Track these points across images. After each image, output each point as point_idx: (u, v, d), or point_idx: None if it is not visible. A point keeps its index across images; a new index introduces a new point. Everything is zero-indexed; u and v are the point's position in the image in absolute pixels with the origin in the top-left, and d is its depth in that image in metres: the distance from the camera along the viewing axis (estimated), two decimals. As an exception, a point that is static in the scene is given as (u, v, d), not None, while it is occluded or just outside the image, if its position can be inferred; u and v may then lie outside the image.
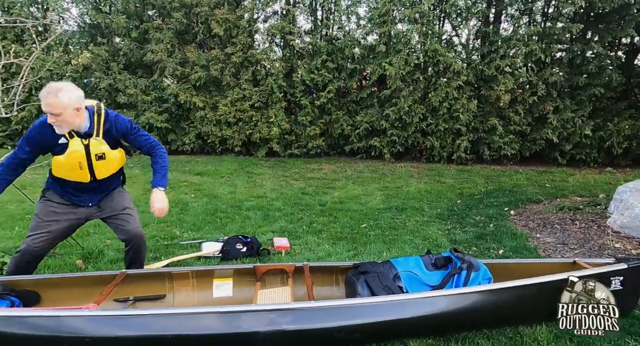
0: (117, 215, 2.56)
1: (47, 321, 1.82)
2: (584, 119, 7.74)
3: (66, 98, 2.17)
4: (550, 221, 4.48)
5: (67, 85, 2.22)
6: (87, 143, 2.32)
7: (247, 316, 1.96)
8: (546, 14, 7.95)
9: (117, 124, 2.42)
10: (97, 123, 2.35)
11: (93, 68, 7.73)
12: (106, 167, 2.44)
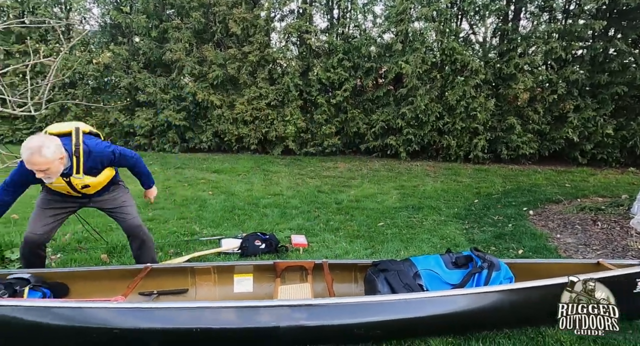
0: (116, 208, 2.70)
1: (78, 312, 1.89)
2: (605, 118, 7.57)
3: (50, 154, 2.15)
4: (571, 221, 4.41)
5: (45, 140, 2.17)
6: (68, 180, 2.37)
7: (270, 311, 2.00)
8: (567, 10, 7.80)
9: (100, 158, 2.42)
10: (77, 164, 2.33)
11: (113, 67, 7.89)
12: (94, 187, 2.52)
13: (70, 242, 3.44)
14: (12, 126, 8.16)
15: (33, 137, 2.19)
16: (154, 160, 7.66)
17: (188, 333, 1.97)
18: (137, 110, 8.10)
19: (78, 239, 3.52)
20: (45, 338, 1.92)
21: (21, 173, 2.31)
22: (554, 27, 7.43)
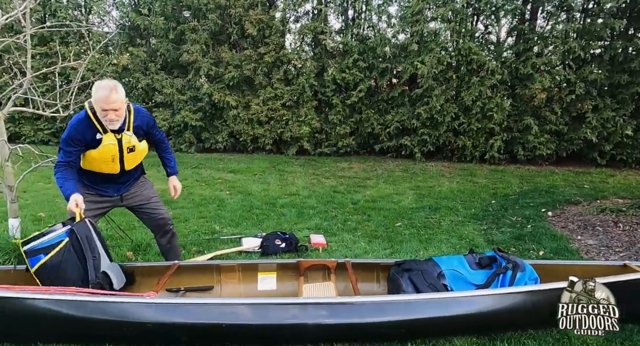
0: (145, 204, 2.71)
1: (113, 306, 1.95)
2: (625, 118, 7.46)
3: (123, 93, 2.31)
4: (591, 223, 4.36)
5: (115, 82, 2.33)
6: (119, 138, 2.42)
7: (299, 309, 2.03)
8: (586, 9, 7.70)
9: (146, 119, 2.56)
10: (128, 119, 2.44)
11: (132, 68, 8.02)
12: (135, 158, 2.56)
13: (96, 240, 3.52)
14: (34, 126, 8.35)
15: (103, 80, 2.32)
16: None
17: (217, 328, 2.02)
18: (154, 111, 8.22)
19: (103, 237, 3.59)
20: (81, 331, 1.98)
21: (77, 129, 2.33)
22: (572, 26, 7.35)
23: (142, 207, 2.72)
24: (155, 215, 2.73)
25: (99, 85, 2.28)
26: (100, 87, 2.27)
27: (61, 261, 2.18)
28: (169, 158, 2.85)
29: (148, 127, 2.58)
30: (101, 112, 2.29)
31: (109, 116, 2.29)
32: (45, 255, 2.16)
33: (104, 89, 2.25)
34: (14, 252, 2.81)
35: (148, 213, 2.73)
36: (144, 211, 2.73)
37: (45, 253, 2.16)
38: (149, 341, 2.03)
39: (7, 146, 2.76)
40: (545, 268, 2.54)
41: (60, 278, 2.14)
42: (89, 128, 2.34)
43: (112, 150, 2.42)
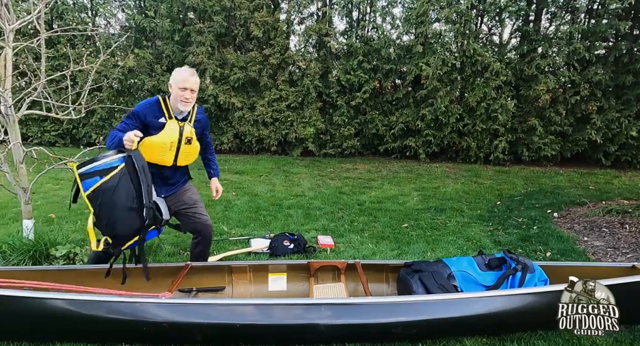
0: (189, 207, 2.73)
1: (130, 306, 1.99)
2: (630, 119, 7.46)
3: (198, 80, 2.55)
4: (598, 224, 4.38)
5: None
6: (182, 126, 2.53)
7: (312, 309, 2.06)
8: (590, 11, 7.71)
9: (205, 118, 2.76)
10: (192, 112, 2.63)
11: (137, 70, 8.07)
12: (188, 153, 2.62)
13: (106, 241, 3.56)
14: (41, 128, 8.41)
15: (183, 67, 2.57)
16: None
17: (231, 328, 2.05)
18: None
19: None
20: (98, 330, 2.02)
21: (145, 107, 2.47)
22: (577, 27, 7.36)
23: (187, 211, 2.73)
24: (199, 220, 2.73)
25: (180, 68, 2.54)
26: (181, 69, 2.52)
27: (116, 186, 2.16)
28: (212, 160, 3.02)
29: (204, 126, 2.76)
30: (179, 91, 2.45)
31: (185, 94, 2.45)
32: (102, 178, 2.14)
33: (185, 71, 2.50)
34: (29, 252, 2.85)
35: (191, 217, 2.73)
36: (188, 214, 2.73)
37: (101, 176, 2.15)
38: (165, 340, 2.06)
39: (21, 148, 2.80)
40: (554, 270, 2.57)
41: (112, 203, 2.15)
42: (157, 111, 2.49)
43: (173, 136, 2.49)
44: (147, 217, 2.22)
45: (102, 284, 2.46)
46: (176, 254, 3.41)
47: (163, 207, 2.49)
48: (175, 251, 3.46)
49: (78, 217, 4.29)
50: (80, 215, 4.38)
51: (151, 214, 2.22)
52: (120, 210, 2.16)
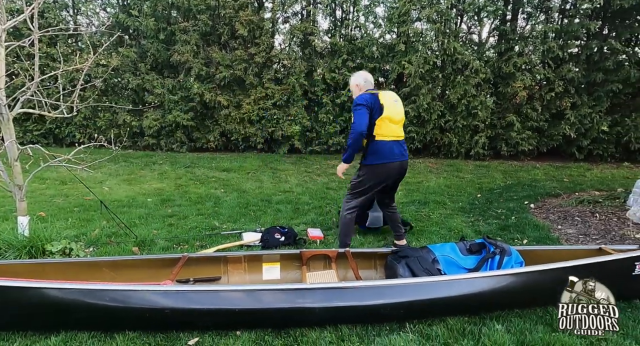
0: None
1: (133, 295, 2.08)
2: (601, 115, 7.83)
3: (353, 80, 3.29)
4: (571, 214, 4.64)
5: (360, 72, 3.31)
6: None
7: (306, 294, 2.20)
8: (563, 10, 8.05)
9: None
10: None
11: (122, 69, 8.04)
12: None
13: (100, 237, 3.62)
14: (23, 127, 8.30)
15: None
16: (164, 160, 7.83)
17: (230, 313, 2.17)
18: (145, 111, 8.26)
19: (107, 234, 3.70)
20: (103, 318, 2.11)
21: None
22: (551, 26, 7.68)
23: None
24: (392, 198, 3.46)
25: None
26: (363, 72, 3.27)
27: None
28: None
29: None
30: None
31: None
32: None
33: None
34: (25, 248, 2.90)
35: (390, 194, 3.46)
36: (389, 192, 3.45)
37: None
38: (167, 326, 2.17)
39: (16, 146, 2.85)
40: (529, 254, 2.77)
41: None
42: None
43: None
44: None
45: (102, 275, 2.56)
46: (170, 248, 3.49)
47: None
48: (169, 245, 3.54)
49: (68, 215, 4.33)
50: (70, 213, 4.42)
51: None
52: None
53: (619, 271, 2.51)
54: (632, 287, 2.58)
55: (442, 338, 2.20)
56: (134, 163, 7.51)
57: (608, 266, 2.47)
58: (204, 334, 2.20)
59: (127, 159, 7.77)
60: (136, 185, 6.00)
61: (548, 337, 2.18)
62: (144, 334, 2.17)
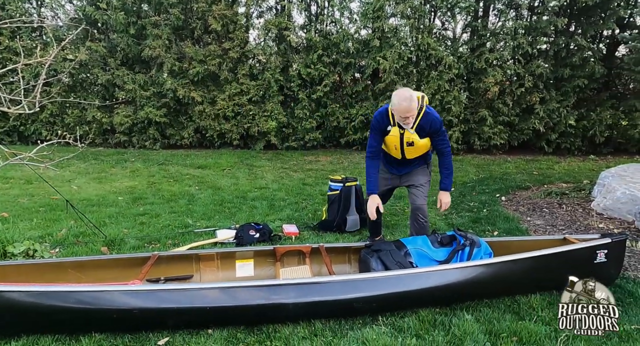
0: (411, 186, 3.16)
1: (99, 295, 2.02)
2: (568, 109, 8.10)
3: (416, 101, 2.74)
4: (539, 205, 4.79)
5: (412, 93, 2.74)
6: (402, 133, 2.90)
7: (278, 290, 2.18)
8: (532, 7, 8.25)
9: (432, 124, 2.87)
10: (414, 121, 2.84)
11: (90, 64, 7.78)
12: (414, 150, 3.00)
13: (67, 237, 3.50)
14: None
15: (402, 90, 2.74)
16: (136, 157, 7.64)
17: (201, 311, 2.14)
18: (116, 108, 8.03)
19: (75, 234, 3.58)
20: (68, 320, 2.04)
21: (377, 119, 2.95)
22: (521, 23, 7.87)
23: (410, 188, 3.17)
24: (412, 199, 3.14)
25: (400, 96, 2.70)
26: (400, 98, 2.70)
27: None
28: (443, 172, 3.10)
29: (431, 130, 2.89)
30: (399, 117, 2.77)
31: (405, 121, 2.78)
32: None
33: (404, 100, 2.69)
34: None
35: (410, 194, 3.17)
36: (410, 191, 3.18)
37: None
38: (137, 326, 2.12)
39: (-27, 144, 2.70)
40: (498, 245, 2.84)
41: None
42: (385, 120, 2.92)
43: (395, 141, 2.95)
44: None
45: (67, 277, 2.47)
46: (141, 247, 3.41)
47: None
48: (140, 244, 3.46)
49: (33, 215, 4.16)
50: (35, 213, 4.25)
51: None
52: None
53: (581, 260, 2.60)
54: (595, 274, 2.66)
55: (413, 329, 2.23)
56: (104, 161, 7.29)
57: (571, 255, 2.56)
58: (175, 333, 2.16)
59: (97, 157, 7.54)
60: (107, 183, 5.83)
61: (515, 325, 2.25)
62: (112, 336, 2.11)
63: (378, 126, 2.96)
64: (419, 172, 3.17)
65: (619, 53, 8.46)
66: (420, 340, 2.15)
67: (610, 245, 2.61)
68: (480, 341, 2.12)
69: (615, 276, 2.77)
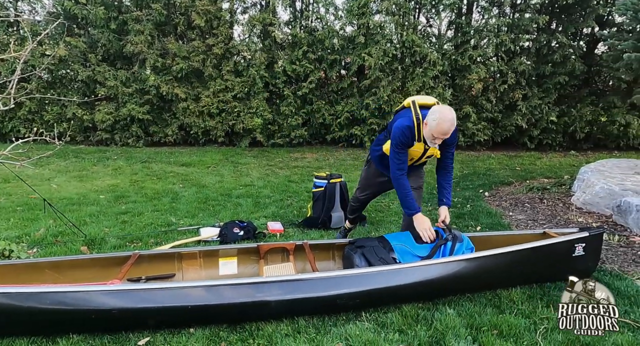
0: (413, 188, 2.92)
1: (77, 296, 1.98)
2: (550, 106, 8.24)
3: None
4: (521, 201, 4.86)
5: (452, 111, 2.56)
6: (427, 148, 2.74)
7: (260, 288, 2.17)
8: (515, 5, 8.35)
9: (452, 136, 2.67)
10: None
11: (70, 60, 7.60)
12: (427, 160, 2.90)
13: (45, 236, 3.42)
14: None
15: (446, 108, 2.54)
16: (118, 155, 7.50)
17: (183, 310, 2.11)
18: (97, 105, 7.87)
19: (53, 233, 3.51)
20: (44, 322, 1.99)
21: (405, 135, 2.65)
22: (503, 20, 7.96)
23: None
24: None
25: (446, 116, 2.49)
26: (445, 119, 2.49)
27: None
28: (444, 186, 2.90)
29: (449, 141, 2.72)
30: (432, 135, 2.56)
31: (436, 141, 2.61)
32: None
33: (448, 122, 2.49)
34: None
35: None
36: None
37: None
38: (116, 327, 2.08)
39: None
40: (479, 239, 2.87)
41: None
42: (410, 136, 2.66)
43: (415, 155, 2.80)
44: None
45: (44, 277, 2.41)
46: (122, 246, 3.36)
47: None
48: (122, 243, 3.40)
49: (10, 214, 4.06)
50: (12, 212, 4.15)
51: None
52: None
53: (560, 253, 2.65)
54: (573, 267, 2.72)
55: (396, 324, 2.24)
56: (85, 158, 7.14)
57: (551, 249, 2.61)
58: (156, 333, 2.13)
59: (78, 155, 7.38)
60: (88, 181, 5.71)
61: (496, 319, 2.28)
62: (90, 337, 2.07)
63: (406, 142, 2.71)
64: (415, 174, 3.02)
65: (598, 50, 8.63)
66: (403, 335, 2.16)
67: (588, 239, 2.67)
68: (461, 335, 2.14)
69: (593, 268, 2.83)
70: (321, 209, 3.98)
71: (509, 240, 2.88)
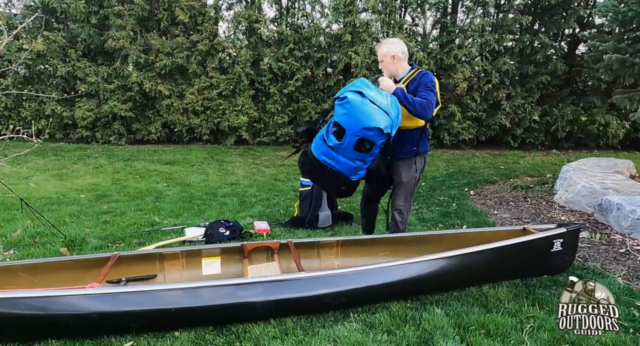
0: (396, 183, 2.96)
1: (54, 301, 1.90)
2: (532, 105, 8.37)
3: (387, 49, 2.82)
4: (506, 199, 4.92)
5: (395, 40, 2.87)
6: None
7: (245, 288, 2.13)
8: (499, 5, 8.45)
9: (420, 77, 2.77)
10: (409, 76, 2.84)
11: (48, 55, 7.37)
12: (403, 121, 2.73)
13: (22, 238, 3.31)
14: None
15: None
16: (100, 153, 7.33)
17: (166, 313, 2.05)
18: (77, 101, 7.66)
19: (31, 234, 3.39)
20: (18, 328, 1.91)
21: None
22: (488, 20, 8.04)
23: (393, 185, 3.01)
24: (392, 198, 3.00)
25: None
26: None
27: None
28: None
29: (418, 84, 2.74)
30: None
31: (380, 66, 2.92)
32: None
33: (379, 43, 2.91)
34: None
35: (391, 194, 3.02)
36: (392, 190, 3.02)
37: None
38: (97, 331, 2.01)
39: None
40: (462, 237, 2.91)
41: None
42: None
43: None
44: None
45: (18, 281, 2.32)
46: (104, 247, 3.26)
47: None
48: (104, 244, 3.31)
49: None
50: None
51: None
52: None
53: (539, 249, 2.69)
54: (552, 263, 2.78)
55: (385, 325, 2.23)
56: (65, 157, 6.95)
57: (530, 245, 2.65)
58: (139, 337, 2.07)
59: (57, 153, 7.18)
60: (68, 180, 5.56)
61: (483, 318, 2.29)
62: (70, 341, 2.00)
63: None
64: (405, 163, 2.92)
65: (579, 51, 8.79)
66: (392, 335, 2.15)
67: (566, 235, 2.71)
68: (449, 335, 2.14)
69: (570, 262, 2.88)
70: (308, 208, 3.94)
71: (490, 237, 2.89)
